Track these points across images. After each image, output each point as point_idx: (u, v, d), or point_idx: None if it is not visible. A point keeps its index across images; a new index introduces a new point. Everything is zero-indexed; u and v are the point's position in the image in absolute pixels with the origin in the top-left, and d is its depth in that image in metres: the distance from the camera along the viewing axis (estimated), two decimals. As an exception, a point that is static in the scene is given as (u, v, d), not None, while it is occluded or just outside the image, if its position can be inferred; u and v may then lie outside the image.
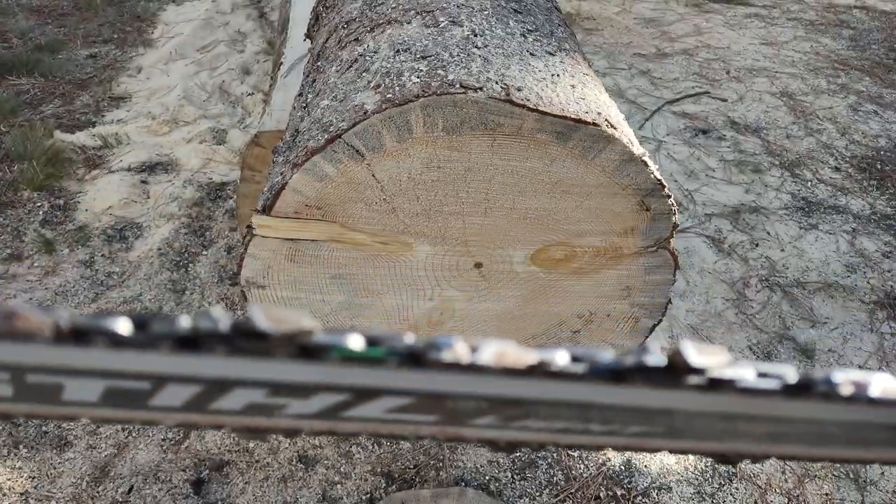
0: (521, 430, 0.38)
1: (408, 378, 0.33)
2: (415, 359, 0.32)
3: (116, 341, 0.30)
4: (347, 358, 0.32)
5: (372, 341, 0.32)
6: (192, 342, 0.30)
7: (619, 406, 0.35)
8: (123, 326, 0.29)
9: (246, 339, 0.30)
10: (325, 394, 0.33)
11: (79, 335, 0.29)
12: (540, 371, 0.33)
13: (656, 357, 0.33)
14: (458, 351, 0.32)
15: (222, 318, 0.30)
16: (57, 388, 0.32)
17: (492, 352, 0.32)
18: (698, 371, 0.33)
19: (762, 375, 0.34)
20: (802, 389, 0.34)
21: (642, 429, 0.37)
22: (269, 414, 0.35)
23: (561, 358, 0.33)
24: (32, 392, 0.32)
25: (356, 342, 0.32)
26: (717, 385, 0.33)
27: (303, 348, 0.31)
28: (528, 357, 0.33)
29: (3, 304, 0.28)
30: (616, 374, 0.33)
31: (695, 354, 0.32)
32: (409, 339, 0.32)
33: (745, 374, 0.34)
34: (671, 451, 0.39)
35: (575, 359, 0.33)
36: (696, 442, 0.38)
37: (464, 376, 0.33)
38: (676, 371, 0.33)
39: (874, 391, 0.35)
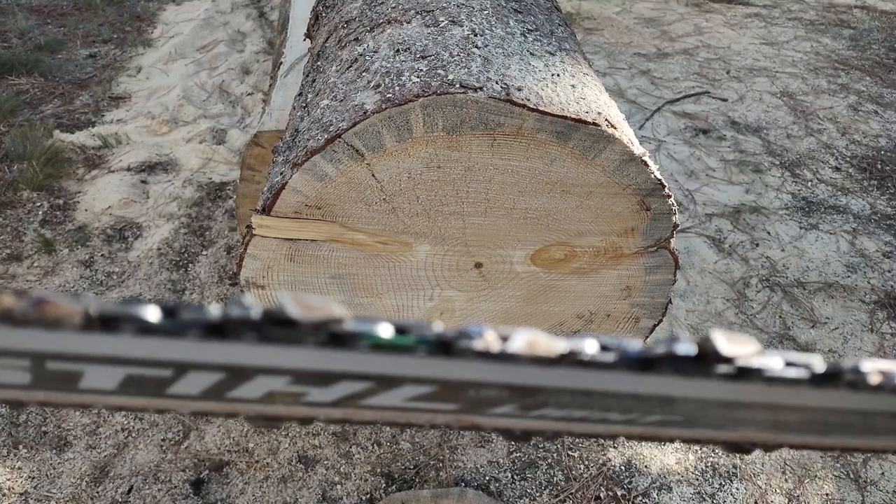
0: (539, 419, 0.37)
1: (434, 366, 0.32)
2: (444, 347, 0.32)
3: (144, 328, 0.29)
4: (376, 346, 0.31)
5: (401, 329, 0.31)
6: (220, 329, 0.29)
7: (644, 395, 0.34)
8: (153, 314, 0.29)
9: (276, 327, 0.29)
10: (347, 382, 0.33)
11: (106, 322, 0.28)
12: (570, 360, 0.32)
13: (687, 346, 0.33)
14: (489, 340, 0.31)
15: (253, 306, 0.29)
16: (76, 376, 0.31)
17: (523, 341, 0.32)
18: (728, 360, 0.32)
19: (790, 365, 0.33)
20: (829, 379, 0.34)
21: (661, 417, 0.36)
22: (288, 402, 0.34)
23: (591, 347, 0.32)
24: (51, 380, 0.31)
25: (386, 330, 0.31)
26: (745, 374, 0.33)
27: (332, 336, 0.30)
28: (559, 346, 0.32)
29: (33, 291, 0.28)
30: (645, 363, 0.32)
31: (725, 343, 0.32)
32: (440, 327, 0.32)
33: (774, 363, 0.33)
34: (684, 441, 0.39)
35: (605, 348, 0.32)
36: (711, 431, 0.37)
37: (492, 365, 0.33)
38: (706, 360, 0.32)
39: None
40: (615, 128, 1.09)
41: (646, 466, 1.61)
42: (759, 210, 2.55)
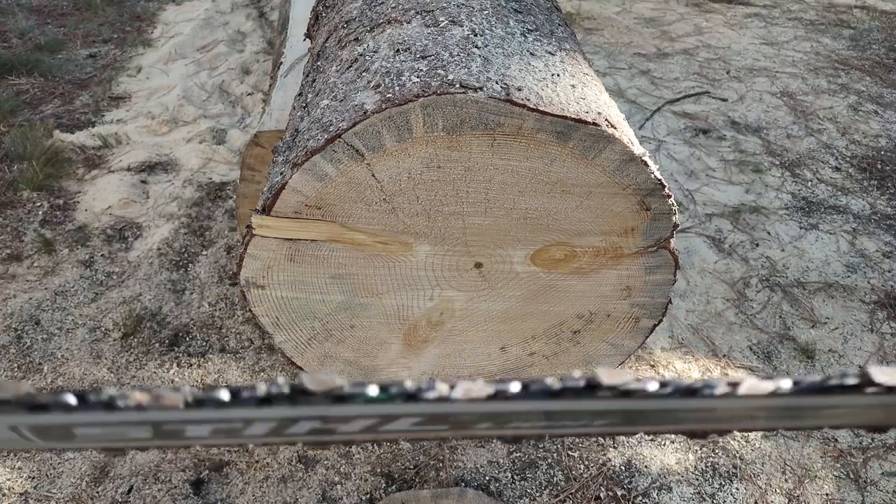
0: (515, 429, 0.51)
1: (411, 407, 0.47)
2: (411, 396, 0.46)
3: (220, 403, 0.45)
4: (368, 400, 0.46)
5: (383, 388, 0.46)
6: (267, 400, 0.46)
7: (568, 411, 0.48)
8: (225, 395, 0.45)
9: (301, 395, 0.46)
10: (361, 419, 0.48)
11: (197, 402, 0.45)
12: (498, 397, 0.46)
13: (579, 381, 0.47)
14: (440, 390, 0.46)
15: (284, 385, 0.46)
16: (181, 431, 0.48)
17: (462, 389, 0.46)
18: (611, 388, 0.46)
19: (662, 385, 0.47)
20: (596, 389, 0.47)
21: (605, 421, 0.50)
22: (326, 434, 0.50)
23: (514, 387, 0.46)
24: (164, 435, 0.48)
25: (372, 390, 0.46)
26: (628, 393, 0.47)
27: (337, 397, 0.46)
28: (487, 389, 0.46)
29: (154, 390, 0.45)
30: (552, 393, 0.46)
31: (606, 377, 0.46)
32: (408, 384, 0.46)
33: (649, 385, 0.47)
34: (647, 434, 0.49)
35: (525, 386, 0.46)
36: (657, 426, 0.51)
37: (447, 404, 0.47)
38: (596, 387, 0.47)
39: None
40: (615, 128, 1.09)
41: (646, 466, 1.61)
42: (759, 210, 2.55)
